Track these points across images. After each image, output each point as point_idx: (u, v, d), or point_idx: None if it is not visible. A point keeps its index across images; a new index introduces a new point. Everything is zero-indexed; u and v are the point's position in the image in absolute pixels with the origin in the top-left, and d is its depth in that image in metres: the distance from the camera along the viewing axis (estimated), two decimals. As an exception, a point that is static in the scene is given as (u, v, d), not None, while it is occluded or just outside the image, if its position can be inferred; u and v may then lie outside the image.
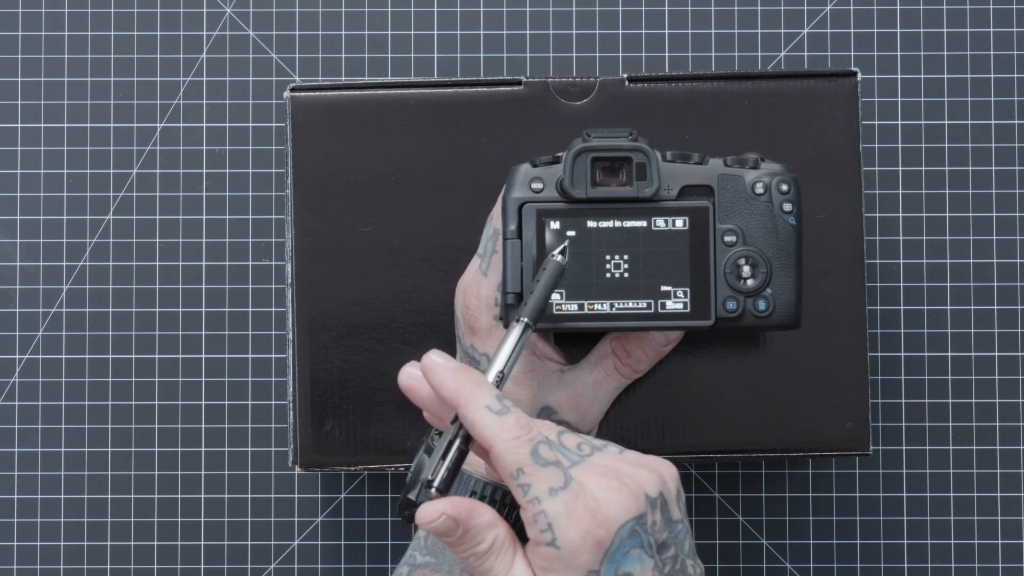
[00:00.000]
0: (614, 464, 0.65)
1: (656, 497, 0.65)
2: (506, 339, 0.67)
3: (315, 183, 0.80)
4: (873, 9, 0.91)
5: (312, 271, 0.80)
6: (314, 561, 0.91)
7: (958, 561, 0.90)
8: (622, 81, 0.80)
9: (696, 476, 0.91)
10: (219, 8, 0.92)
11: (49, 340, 0.91)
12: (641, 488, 0.64)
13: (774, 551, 0.90)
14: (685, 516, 0.67)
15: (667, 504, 0.66)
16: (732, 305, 0.70)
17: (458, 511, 0.65)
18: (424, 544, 0.75)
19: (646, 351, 0.74)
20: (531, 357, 0.74)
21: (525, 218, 0.70)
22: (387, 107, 0.80)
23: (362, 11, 0.92)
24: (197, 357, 0.91)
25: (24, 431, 0.91)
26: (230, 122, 0.91)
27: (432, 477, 0.65)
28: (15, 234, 0.91)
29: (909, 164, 0.91)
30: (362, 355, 0.80)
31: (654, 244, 0.70)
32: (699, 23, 0.91)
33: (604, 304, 0.70)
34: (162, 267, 0.91)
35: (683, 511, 0.67)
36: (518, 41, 0.92)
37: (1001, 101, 0.91)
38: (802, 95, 0.80)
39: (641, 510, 0.64)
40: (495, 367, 0.66)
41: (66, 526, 0.91)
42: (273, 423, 0.91)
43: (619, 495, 0.64)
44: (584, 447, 0.66)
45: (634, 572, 0.64)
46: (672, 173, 0.70)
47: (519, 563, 0.65)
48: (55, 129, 0.91)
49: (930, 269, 0.90)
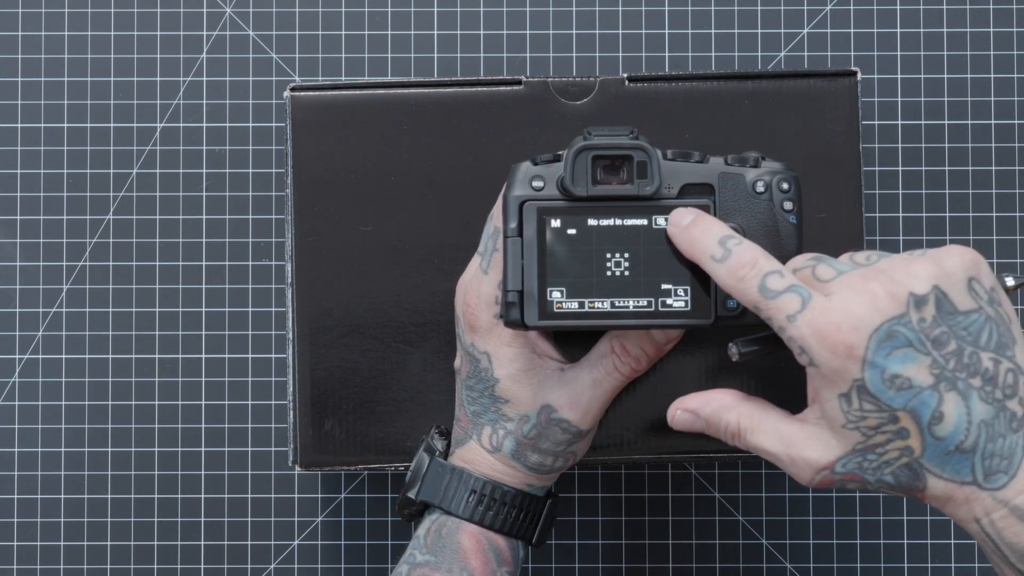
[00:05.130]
0: (883, 267, 0.65)
1: (927, 293, 0.63)
2: None
3: (315, 183, 0.80)
4: (873, 9, 0.91)
5: (312, 271, 0.80)
6: (314, 561, 0.91)
7: (958, 561, 0.90)
8: (622, 81, 0.80)
9: (696, 476, 0.91)
10: (219, 8, 0.92)
11: (49, 340, 0.91)
12: (903, 287, 0.63)
13: (774, 551, 0.90)
14: (988, 304, 0.65)
15: (946, 296, 0.64)
16: (732, 303, 0.70)
17: (692, 403, 0.70)
18: (424, 543, 0.75)
19: (646, 350, 0.74)
20: (531, 355, 0.74)
21: (526, 216, 0.70)
22: (387, 107, 0.80)
23: (362, 11, 0.92)
24: (197, 357, 0.91)
25: (24, 431, 0.91)
26: (230, 122, 0.91)
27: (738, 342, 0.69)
28: (15, 234, 0.91)
29: (909, 164, 0.91)
30: (362, 355, 0.80)
31: (655, 242, 0.70)
32: (699, 23, 0.91)
33: (604, 302, 0.70)
34: (162, 267, 0.91)
35: (981, 299, 0.64)
36: (518, 41, 0.92)
37: (1001, 101, 0.91)
38: (802, 95, 0.80)
39: (900, 310, 0.63)
40: None
41: (66, 526, 0.91)
42: (273, 423, 0.91)
43: (870, 298, 0.63)
44: (864, 257, 0.67)
45: (903, 372, 0.63)
46: (673, 171, 0.70)
47: (779, 430, 0.67)
48: (55, 129, 0.91)
49: (930, 269, 0.90)
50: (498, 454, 0.75)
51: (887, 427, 0.63)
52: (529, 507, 0.76)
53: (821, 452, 0.65)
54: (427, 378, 0.80)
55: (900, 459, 0.64)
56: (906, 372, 0.63)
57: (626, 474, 0.91)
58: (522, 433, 0.74)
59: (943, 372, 0.63)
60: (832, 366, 0.63)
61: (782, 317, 0.64)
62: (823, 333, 0.63)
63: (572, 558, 0.91)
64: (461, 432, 0.77)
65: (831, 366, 0.63)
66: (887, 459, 0.64)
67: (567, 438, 0.74)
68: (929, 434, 0.63)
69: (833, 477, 0.66)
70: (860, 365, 0.63)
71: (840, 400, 0.64)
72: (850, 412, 0.64)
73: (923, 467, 0.64)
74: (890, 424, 0.63)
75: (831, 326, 0.63)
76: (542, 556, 0.91)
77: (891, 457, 0.64)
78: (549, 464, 0.75)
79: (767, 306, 0.65)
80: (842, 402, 0.64)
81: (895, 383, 0.63)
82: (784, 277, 0.65)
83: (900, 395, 0.63)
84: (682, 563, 0.90)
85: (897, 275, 0.64)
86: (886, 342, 0.63)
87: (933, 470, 0.64)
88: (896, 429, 0.63)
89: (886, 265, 0.65)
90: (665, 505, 0.91)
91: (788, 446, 0.66)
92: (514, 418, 0.74)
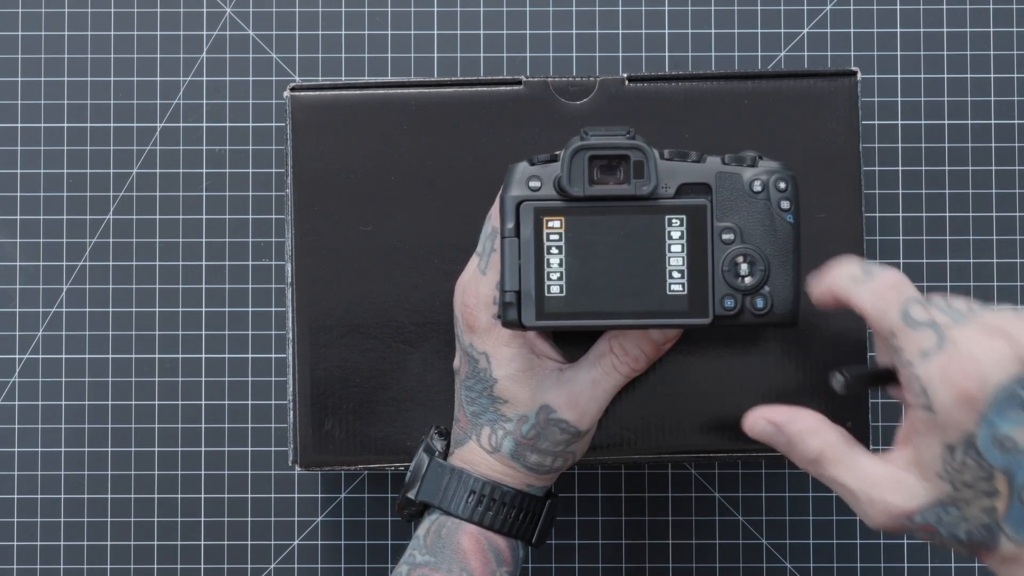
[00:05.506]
0: (1004, 322, 0.63)
1: None
2: None
3: (315, 183, 0.80)
4: (873, 9, 0.91)
5: (312, 271, 0.80)
6: (314, 561, 0.91)
7: (958, 560, 0.90)
8: (622, 81, 0.80)
9: (696, 476, 0.91)
10: (219, 8, 0.92)
11: (49, 340, 0.91)
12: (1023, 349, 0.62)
13: (774, 551, 0.90)
14: None
15: None
16: (730, 303, 0.70)
17: (777, 416, 0.66)
18: (423, 543, 0.75)
19: (644, 349, 0.74)
20: (529, 356, 0.74)
21: (523, 216, 0.70)
22: (387, 107, 0.80)
23: (362, 11, 0.92)
24: (197, 357, 0.91)
25: (24, 431, 0.91)
26: (230, 122, 0.91)
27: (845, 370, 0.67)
28: (15, 234, 0.91)
29: (909, 164, 0.91)
30: (362, 355, 0.80)
31: (653, 242, 0.70)
32: (699, 23, 0.91)
33: (602, 302, 0.70)
34: (162, 267, 0.91)
35: None
36: (518, 41, 0.92)
37: (1001, 101, 0.91)
38: (802, 95, 0.80)
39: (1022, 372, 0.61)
40: None
41: (66, 526, 0.91)
42: (273, 423, 0.91)
43: (1000, 353, 0.61)
44: (974, 306, 0.64)
45: (1012, 434, 0.61)
46: (670, 171, 0.70)
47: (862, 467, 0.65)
48: (55, 129, 0.91)
49: (930, 269, 0.90)
50: (497, 454, 0.75)
51: (980, 484, 0.62)
52: (529, 507, 0.76)
53: (905, 498, 0.64)
54: (427, 378, 0.80)
55: (980, 518, 0.63)
56: (1015, 435, 0.61)
57: (626, 474, 0.91)
58: (521, 433, 0.74)
59: None
60: (949, 414, 0.62)
61: (915, 351, 0.63)
62: (952, 379, 0.61)
63: (572, 558, 0.91)
64: (460, 432, 0.77)
65: (948, 414, 0.62)
66: (968, 515, 0.63)
67: (566, 438, 0.74)
68: (1018, 499, 0.62)
69: (909, 525, 0.64)
70: (977, 419, 0.61)
71: (944, 449, 0.62)
72: (951, 463, 0.62)
73: (1001, 528, 0.63)
74: (984, 482, 0.62)
75: (960, 373, 0.61)
76: (542, 556, 0.91)
77: (972, 514, 0.63)
78: (548, 464, 0.75)
79: (904, 335, 0.63)
80: (946, 452, 0.62)
81: (1004, 444, 0.61)
82: (925, 309, 0.63)
83: (1004, 456, 0.62)
84: (682, 563, 0.90)
85: (1017, 335, 0.62)
86: (1006, 400, 0.61)
87: (1009, 532, 0.63)
88: (988, 488, 0.62)
89: (1001, 322, 0.63)
90: (665, 505, 0.91)
91: (870, 485, 0.64)
92: (513, 418, 0.74)
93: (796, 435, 0.67)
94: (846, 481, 0.65)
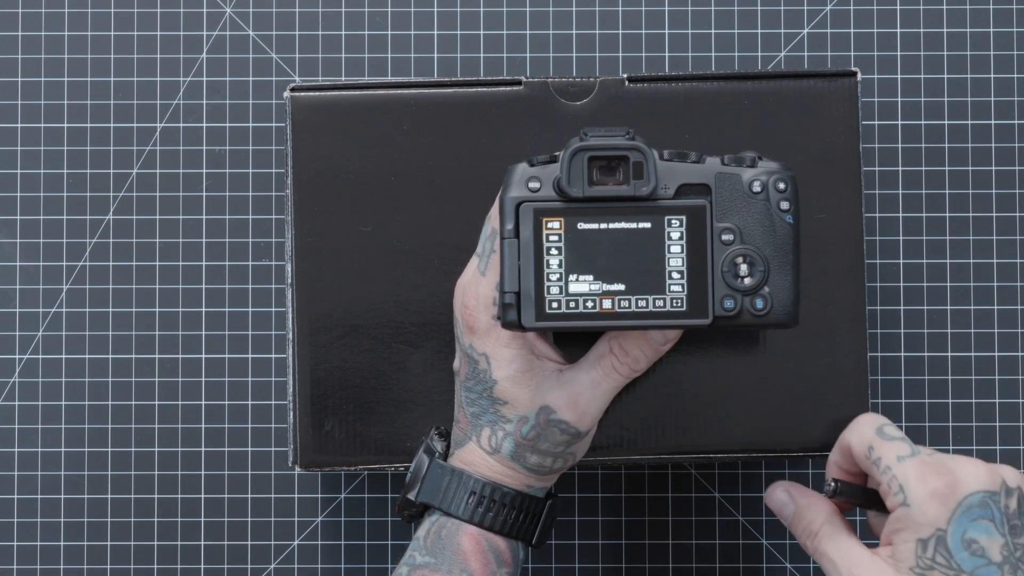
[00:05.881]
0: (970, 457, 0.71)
1: (1015, 488, 0.70)
2: None
3: (315, 183, 0.80)
4: (873, 9, 0.91)
5: (312, 271, 0.80)
6: (314, 561, 0.91)
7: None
8: (622, 81, 0.80)
9: (696, 476, 0.91)
10: (219, 8, 0.92)
11: (49, 340, 0.91)
12: (1000, 472, 0.70)
13: (774, 551, 0.90)
14: None
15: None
16: (730, 304, 0.70)
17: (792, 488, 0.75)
18: (424, 544, 0.75)
19: (644, 350, 0.74)
20: (529, 356, 0.74)
21: (522, 217, 0.70)
22: (387, 107, 0.80)
23: (362, 11, 0.92)
24: (197, 357, 0.91)
25: (24, 431, 0.91)
26: (230, 122, 0.91)
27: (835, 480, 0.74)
28: (15, 234, 0.91)
29: (909, 164, 0.91)
30: (362, 355, 0.80)
31: (652, 242, 0.70)
32: (699, 23, 0.91)
33: (602, 303, 0.70)
34: (162, 267, 0.91)
35: None
36: (518, 41, 0.92)
37: (1001, 101, 0.91)
38: (802, 95, 0.80)
39: (995, 487, 0.69)
40: None
41: (66, 526, 0.91)
42: (273, 423, 0.91)
43: (974, 467, 0.69)
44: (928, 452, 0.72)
45: (981, 541, 0.68)
46: (669, 172, 0.70)
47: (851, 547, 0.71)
48: (55, 129, 0.91)
49: (930, 269, 0.90)
50: (497, 455, 0.75)
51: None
52: (529, 508, 0.76)
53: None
54: (427, 379, 0.80)
55: None
56: (983, 542, 0.67)
57: (626, 474, 0.91)
58: (521, 434, 0.74)
59: (1011, 556, 0.68)
60: (923, 508, 0.68)
61: (892, 457, 0.70)
62: (926, 477, 0.69)
63: (572, 558, 0.91)
64: (460, 433, 0.77)
65: (922, 508, 0.68)
66: None
67: (566, 439, 0.74)
68: None
69: None
70: (948, 517, 0.68)
71: (917, 544, 0.68)
72: (922, 558, 0.68)
73: None
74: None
75: (934, 473, 0.69)
76: (542, 556, 0.91)
77: None
78: (548, 465, 0.75)
79: (881, 446, 0.71)
80: (919, 546, 0.68)
81: (972, 547, 0.68)
82: (898, 430, 0.72)
83: (972, 560, 0.68)
84: (682, 563, 0.90)
85: (996, 465, 0.70)
86: (977, 508, 0.68)
87: None
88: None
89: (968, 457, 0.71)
90: (665, 505, 0.91)
91: (851, 564, 0.70)
92: (513, 419, 0.74)
93: (805, 507, 0.74)
94: (834, 556, 0.71)
